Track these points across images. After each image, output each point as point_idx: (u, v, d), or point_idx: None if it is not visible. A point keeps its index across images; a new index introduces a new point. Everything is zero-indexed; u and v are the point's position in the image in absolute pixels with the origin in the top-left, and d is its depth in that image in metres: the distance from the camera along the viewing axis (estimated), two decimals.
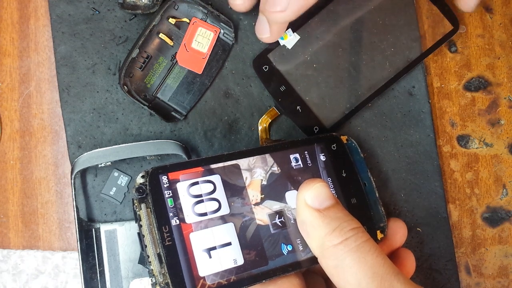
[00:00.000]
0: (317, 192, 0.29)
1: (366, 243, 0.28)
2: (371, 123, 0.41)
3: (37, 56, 0.41)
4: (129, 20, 0.40)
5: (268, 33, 0.36)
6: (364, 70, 0.39)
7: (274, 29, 0.36)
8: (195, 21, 0.39)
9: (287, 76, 0.39)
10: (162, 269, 0.28)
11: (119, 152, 0.37)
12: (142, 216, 0.29)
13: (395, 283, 0.27)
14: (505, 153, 0.42)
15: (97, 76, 0.39)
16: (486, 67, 0.42)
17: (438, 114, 0.42)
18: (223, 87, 0.40)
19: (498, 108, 0.42)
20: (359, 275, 0.27)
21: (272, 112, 0.39)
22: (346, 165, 0.36)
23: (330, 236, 0.28)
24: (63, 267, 0.40)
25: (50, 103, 0.40)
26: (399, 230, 0.36)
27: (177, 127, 0.40)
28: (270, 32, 0.36)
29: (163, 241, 0.29)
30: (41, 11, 0.41)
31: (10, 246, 0.40)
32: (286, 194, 0.34)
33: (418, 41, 0.40)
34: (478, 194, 0.42)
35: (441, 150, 0.42)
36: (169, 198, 0.30)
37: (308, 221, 0.29)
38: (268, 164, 0.34)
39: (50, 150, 0.40)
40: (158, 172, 0.30)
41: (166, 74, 0.39)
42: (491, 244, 0.42)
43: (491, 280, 0.42)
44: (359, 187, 0.36)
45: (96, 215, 0.39)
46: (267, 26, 0.36)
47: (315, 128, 0.39)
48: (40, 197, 0.40)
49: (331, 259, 0.28)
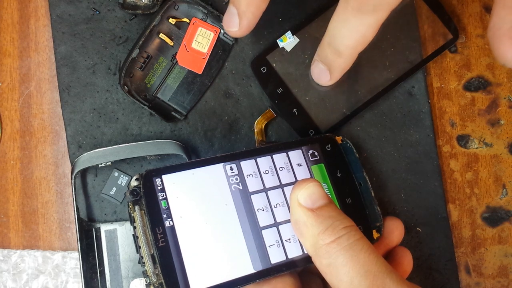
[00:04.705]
0: (310, 192, 0.29)
1: (359, 242, 0.28)
2: (371, 123, 0.41)
3: (37, 56, 0.41)
4: (129, 20, 0.40)
5: (236, 27, 0.34)
6: (362, 76, 0.39)
7: (244, 23, 0.34)
8: (195, 21, 0.39)
9: (285, 78, 0.39)
10: (156, 269, 0.29)
11: (119, 152, 0.37)
12: (136, 218, 0.30)
13: (388, 281, 0.27)
14: (505, 153, 0.42)
15: (97, 76, 0.39)
16: (486, 67, 0.42)
17: (438, 114, 0.42)
18: (223, 87, 0.40)
19: (498, 108, 0.42)
20: (351, 273, 0.27)
21: (268, 113, 0.40)
22: (341, 165, 0.36)
23: (323, 234, 0.28)
24: (63, 267, 0.40)
25: (50, 103, 0.41)
26: (395, 228, 0.36)
27: (177, 127, 0.40)
28: (239, 26, 0.34)
29: (156, 242, 0.29)
30: (41, 11, 0.41)
31: (10, 246, 0.40)
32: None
33: (418, 49, 0.40)
34: (478, 194, 0.42)
35: (441, 150, 0.42)
36: (162, 200, 0.30)
37: (301, 220, 0.29)
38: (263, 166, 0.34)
39: (50, 150, 0.40)
40: (152, 174, 0.31)
41: (166, 74, 0.39)
42: (491, 244, 0.42)
43: (491, 280, 0.42)
44: (354, 187, 0.36)
45: (96, 215, 0.39)
46: (236, 19, 0.34)
47: (310, 131, 0.39)
48: (41, 197, 0.40)
49: (324, 258, 0.28)
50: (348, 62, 0.35)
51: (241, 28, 0.34)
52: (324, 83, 0.37)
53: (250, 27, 0.34)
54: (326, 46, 0.34)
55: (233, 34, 0.35)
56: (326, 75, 0.36)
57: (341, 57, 0.34)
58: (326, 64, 0.35)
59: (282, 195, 0.33)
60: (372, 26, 0.31)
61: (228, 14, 0.34)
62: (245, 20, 0.33)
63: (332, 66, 0.35)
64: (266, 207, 0.32)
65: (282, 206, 0.33)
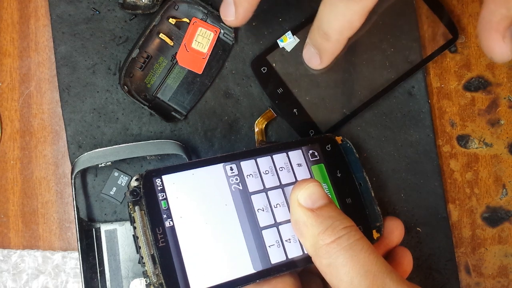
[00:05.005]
0: (310, 192, 0.29)
1: (359, 242, 0.28)
2: (371, 123, 0.41)
3: (37, 56, 0.41)
4: (129, 20, 0.40)
5: (233, 16, 0.34)
6: (362, 76, 0.39)
7: (240, 12, 0.34)
8: (195, 21, 0.39)
9: (285, 78, 0.39)
10: (156, 270, 0.29)
11: (119, 152, 0.37)
12: (136, 218, 0.30)
13: (388, 281, 0.27)
14: (505, 153, 0.42)
15: (97, 76, 0.39)
16: (486, 67, 0.42)
17: (437, 114, 0.42)
18: (223, 87, 0.40)
19: (498, 108, 0.42)
20: (351, 273, 0.27)
21: (269, 113, 0.40)
22: (341, 166, 0.36)
23: (323, 235, 0.28)
24: (63, 267, 0.40)
25: (50, 103, 0.41)
26: (395, 228, 0.36)
27: (177, 127, 0.40)
28: (236, 15, 0.34)
29: (156, 243, 0.29)
30: (41, 11, 0.41)
31: (10, 246, 0.40)
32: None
33: (418, 49, 0.40)
34: (478, 194, 0.42)
35: (441, 150, 0.42)
36: (162, 200, 0.30)
37: (301, 220, 0.29)
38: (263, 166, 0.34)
39: (50, 150, 0.40)
40: (152, 175, 0.31)
41: (166, 74, 0.39)
42: (491, 244, 0.42)
43: (491, 280, 0.42)
44: (354, 187, 0.36)
45: (96, 215, 0.39)
46: (232, 8, 0.34)
47: (310, 131, 0.39)
48: (41, 197, 0.40)
49: (324, 258, 0.28)
50: (336, 46, 0.35)
51: (238, 17, 0.34)
52: (315, 66, 0.37)
53: (246, 16, 0.34)
54: (315, 30, 0.35)
55: (230, 23, 0.35)
56: (317, 58, 0.36)
57: (329, 41, 0.34)
58: (316, 48, 0.36)
59: (282, 195, 0.33)
60: (358, 12, 0.32)
61: (225, 3, 0.34)
62: (241, 9, 0.34)
63: (321, 50, 0.36)
64: (266, 207, 0.32)
65: (282, 206, 0.33)
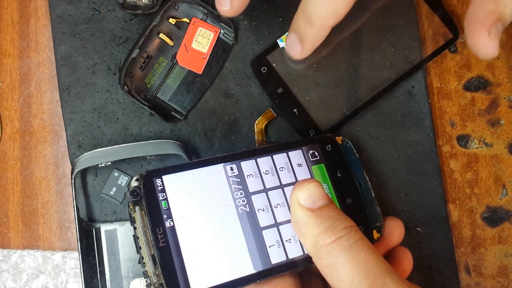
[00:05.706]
0: (310, 192, 0.29)
1: (359, 242, 0.28)
2: (371, 123, 0.41)
3: (37, 56, 0.41)
4: (129, 20, 0.40)
5: (228, 5, 0.33)
6: (362, 76, 0.39)
7: (235, 1, 0.33)
8: (195, 21, 0.39)
9: (285, 78, 0.39)
10: (156, 270, 0.29)
11: (119, 152, 0.37)
12: (136, 218, 0.30)
13: (388, 281, 0.27)
14: (505, 153, 0.42)
15: (97, 76, 0.39)
16: (486, 67, 0.42)
17: (438, 114, 0.42)
18: (223, 87, 0.40)
19: (498, 108, 0.42)
20: (352, 274, 0.27)
21: (269, 113, 0.40)
22: (341, 166, 0.36)
23: (323, 235, 0.28)
24: (63, 267, 0.40)
25: (50, 103, 0.41)
26: (396, 228, 0.36)
27: (177, 127, 0.40)
28: (231, 5, 0.33)
29: (157, 243, 0.29)
30: (41, 11, 0.41)
31: (10, 246, 0.40)
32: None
33: (418, 49, 0.40)
34: (478, 194, 0.42)
35: (441, 150, 0.42)
36: (163, 200, 0.30)
37: (301, 220, 0.29)
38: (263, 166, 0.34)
39: (50, 150, 0.40)
40: (152, 175, 0.31)
41: (166, 74, 0.39)
42: (491, 244, 0.42)
43: (491, 280, 0.42)
44: (354, 187, 0.36)
45: (96, 215, 0.39)
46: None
47: (310, 131, 0.39)
48: (41, 197, 0.40)
49: (324, 258, 0.28)
50: (319, 33, 0.34)
51: (233, 7, 0.33)
52: (295, 55, 0.35)
53: (241, 5, 0.34)
54: (300, 15, 0.34)
55: (225, 13, 0.34)
56: (298, 46, 0.35)
57: (312, 27, 0.33)
58: (298, 35, 0.34)
59: (283, 195, 0.33)
60: (344, 0, 0.31)
61: None
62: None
63: (304, 36, 0.34)
64: (267, 207, 0.32)
65: (282, 206, 0.33)
